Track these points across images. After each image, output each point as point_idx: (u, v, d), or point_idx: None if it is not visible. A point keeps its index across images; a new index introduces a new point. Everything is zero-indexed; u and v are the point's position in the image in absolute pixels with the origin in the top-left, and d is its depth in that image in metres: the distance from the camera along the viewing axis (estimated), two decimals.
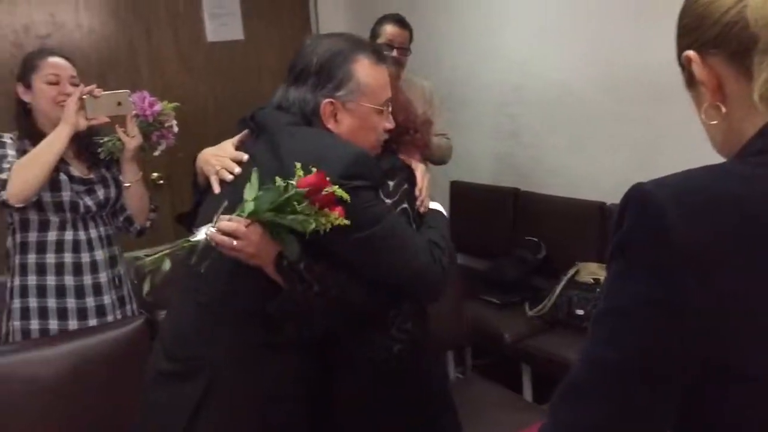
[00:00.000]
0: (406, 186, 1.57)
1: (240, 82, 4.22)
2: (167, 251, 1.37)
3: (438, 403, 1.65)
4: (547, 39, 3.36)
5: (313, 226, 1.31)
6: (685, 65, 0.85)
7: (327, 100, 1.47)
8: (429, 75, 3.54)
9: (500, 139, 3.72)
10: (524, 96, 3.54)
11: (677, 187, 0.77)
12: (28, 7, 3.67)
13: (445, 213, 1.68)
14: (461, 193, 3.92)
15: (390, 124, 1.57)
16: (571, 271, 3.01)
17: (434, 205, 1.67)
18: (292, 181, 1.32)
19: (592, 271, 2.97)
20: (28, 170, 2.05)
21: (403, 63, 3.16)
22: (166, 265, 1.36)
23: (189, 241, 1.37)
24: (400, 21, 3.16)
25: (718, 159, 0.86)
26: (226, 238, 1.33)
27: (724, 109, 0.83)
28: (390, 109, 1.56)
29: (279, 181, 1.33)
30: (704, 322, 0.73)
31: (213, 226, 1.34)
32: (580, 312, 2.88)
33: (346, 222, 1.33)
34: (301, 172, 1.32)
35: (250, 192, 1.35)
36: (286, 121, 1.48)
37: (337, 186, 1.32)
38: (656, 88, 2.88)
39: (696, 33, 0.83)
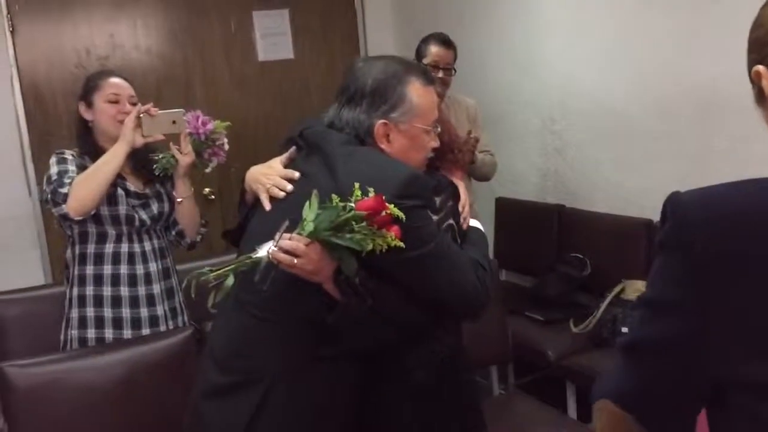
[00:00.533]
0: (451, 202, 1.61)
1: (290, 100, 4.32)
2: (231, 267, 1.41)
3: (473, 417, 1.68)
4: (592, 55, 3.36)
5: (370, 246, 1.35)
6: (754, 80, 0.84)
7: (381, 121, 1.52)
8: (474, 92, 3.56)
9: (545, 156, 3.72)
10: (569, 112, 3.53)
11: (709, 196, 0.80)
12: (89, 30, 3.85)
13: (483, 230, 1.71)
14: (506, 210, 3.92)
15: (436, 144, 1.61)
16: (617, 289, 2.98)
17: (473, 223, 1.70)
18: (351, 203, 1.35)
19: (637, 289, 2.93)
20: (88, 185, 2.13)
21: (448, 83, 3.18)
22: (230, 280, 1.40)
23: (251, 258, 1.41)
24: (445, 41, 3.17)
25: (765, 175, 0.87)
26: (287, 257, 1.36)
27: None
28: (438, 129, 1.61)
29: (336, 200, 1.37)
30: (715, 327, 0.76)
31: (274, 245, 1.38)
32: (625, 330, 2.84)
33: (401, 244, 1.36)
34: (359, 193, 1.36)
35: (310, 212, 1.38)
36: (340, 141, 1.52)
37: (393, 205, 1.36)
38: (704, 105, 2.85)
39: (766, 48, 0.82)
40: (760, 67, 0.82)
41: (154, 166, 2.30)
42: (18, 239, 3.72)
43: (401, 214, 1.37)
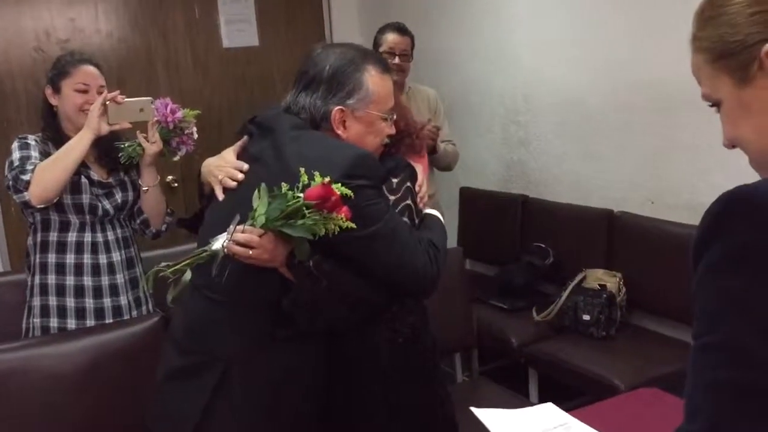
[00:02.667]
0: (408, 184, 1.63)
1: (254, 88, 4.29)
2: (187, 262, 1.43)
3: (441, 397, 1.71)
4: (557, 48, 3.40)
5: (323, 231, 1.37)
6: (764, 60, 0.79)
7: (338, 107, 1.54)
8: (440, 84, 3.59)
9: (510, 147, 3.77)
10: (534, 104, 3.58)
11: None
12: (49, 13, 3.76)
13: (443, 220, 1.74)
14: (471, 200, 3.96)
15: (392, 131, 1.64)
16: (578, 277, 3.04)
17: (434, 212, 1.73)
18: (299, 194, 1.37)
19: (598, 278, 3.01)
20: (50, 172, 2.10)
21: (405, 70, 3.21)
22: (188, 275, 1.43)
23: (206, 251, 1.43)
24: (400, 29, 3.21)
25: (726, 167, 0.85)
26: (242, 249, 1.39)
27: None
28: (394, 117, 1.63)
29: (285, 187, 1.38)
30: None
31: (228, 239, 1.40)
32: (586, 317, 2.91)
33: (353, 225, 1.39)
34: (305, 177, 1.37)
35: (260, 203, 1.40)
36: (291, 125, 1.54)
37: (339, 184, 1.38)
38: (665, 99, 2.92)
39: None
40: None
41: (120, 154, 2.26)
42: None
43: (349, 192, 1.39)
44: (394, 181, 1.60)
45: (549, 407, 1.75)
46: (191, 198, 3.94)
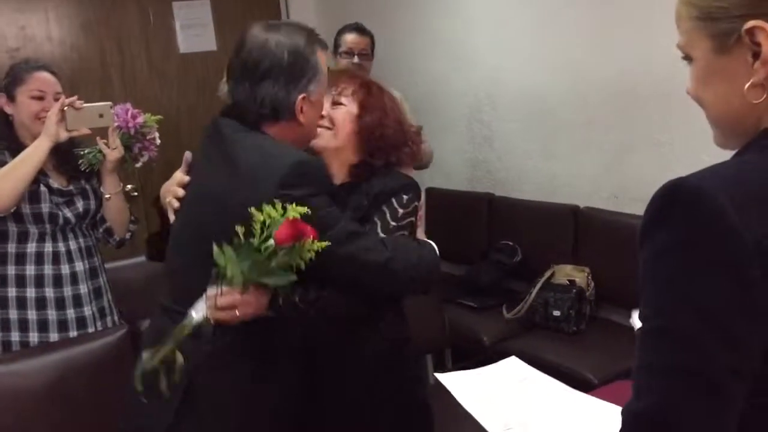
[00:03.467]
0: (416, 203, 1.61)
1: (213, 93, 4.20)
2: (172, 346, 1.34)
3: (423, 411, 1.70)
4: (518, 46, 3.43)
5: (302, 264, 1.32)
6: (743, 36, 0.78)
7: (302, 95, 1.49)
8: (403, 83, 3.57)
9: (474, 146, 3.78)
10: (497, 102, 3.60)
11: (724, 179, 0.75)
12: None
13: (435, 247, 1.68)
14: (436, 200, 3.95)
15: (329, 105, 1.62)
16: (547, 274, 3.06)
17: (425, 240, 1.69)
18: (269, 242, 1.29)
19: (567, 273, 3.03)
20: (7, 181, 2.04)
21: (366, 69, 3.19)
22: (180, 358, 1.34)
23: (186, 326, 1.36)
24: (359, 29, 3.22)
25: (687, 161, 0.86)
26: (227, 314, 1.34)
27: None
28: (333, 91, 1.62)
29: (240, 230, 1.31)
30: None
31: (208, 310, 1.34)
32: (557, 313, 2.93)
33: (324, 244, 1.32)
34: (274, 213, 1.30)
35: (229, 263, 1.31)
36: (233, 128, 1.49)
37: (294, 204, 1.31)
38: (626, 94, 2.96)
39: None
40: (760, 23, 0.77)
41: (80, 161, 2.21)
42: None
43: (306, 210, 1.30)
44: (405, 197, 1.58)
45: (512, 361, 1.73)
46: (152, 207, 3.86)
